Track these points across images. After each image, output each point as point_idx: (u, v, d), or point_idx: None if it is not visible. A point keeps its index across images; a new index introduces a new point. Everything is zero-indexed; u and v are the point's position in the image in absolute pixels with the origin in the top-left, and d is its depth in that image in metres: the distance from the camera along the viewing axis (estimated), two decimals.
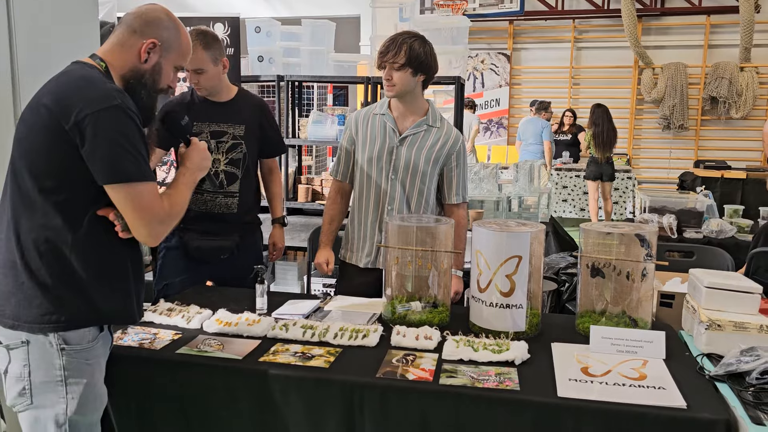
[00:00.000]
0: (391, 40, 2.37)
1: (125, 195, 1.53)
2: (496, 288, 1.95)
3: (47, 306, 1.54)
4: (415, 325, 2.01)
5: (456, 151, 2.49)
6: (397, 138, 2.45)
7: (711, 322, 1.80)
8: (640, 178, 9.21)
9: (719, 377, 1.65)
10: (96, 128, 1.49)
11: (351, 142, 2.56)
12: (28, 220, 1.54)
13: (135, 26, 1.65)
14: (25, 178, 1.54)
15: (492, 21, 9.61)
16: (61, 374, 1.56)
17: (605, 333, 1.86)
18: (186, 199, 1.70)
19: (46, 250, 1.54)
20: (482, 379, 1.65)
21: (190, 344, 1.87)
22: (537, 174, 4.40)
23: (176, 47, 1.70)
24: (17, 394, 1.57)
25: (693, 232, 3.92)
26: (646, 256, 1.93)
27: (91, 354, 1.60)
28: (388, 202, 2.47)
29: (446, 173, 2.50)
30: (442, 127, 2.50)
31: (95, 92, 1.52)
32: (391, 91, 2.39)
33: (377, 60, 2.39)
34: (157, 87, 1.70)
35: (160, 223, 1.59)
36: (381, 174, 2.46)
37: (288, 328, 1.95)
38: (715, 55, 9.11)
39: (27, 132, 1.55)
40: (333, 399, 1.67)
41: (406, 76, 2.35)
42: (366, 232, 2.51)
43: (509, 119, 9.85)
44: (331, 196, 2.64)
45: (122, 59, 1.65)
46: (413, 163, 2.44)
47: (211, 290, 2.59)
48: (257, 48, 4.22)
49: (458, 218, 2.48)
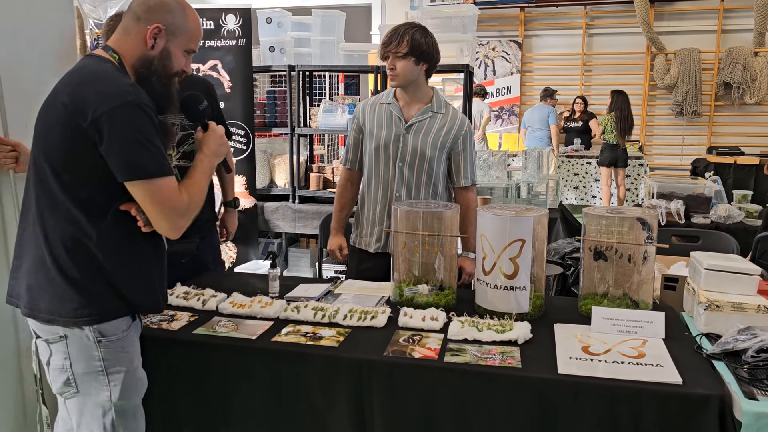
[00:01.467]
0: (393, 30, 2.43)
1: (144, 191, 1.55)
2: (500, 271, 2.00)
3: (79, 300, 1.58)
4: (422, 307, 2.08)
5: (462, 135, 2.55)
6: (403, 126, 2.51)
7: (710, 302, 1.85)
8: (653, 164, 9.18)
9: (716, 355, 1.70)
10: (112, 126, 1.50)
11: (359, 131, 2.62)
12: (52, 217, 1.58)
13: (139, 13, 1.64)
14: (48, 175, 1.57)
15: (503, 8, 9.58)
16: (101, 365, 1.62)
17: (606, 314, 1.91)
18: (204, 188, 1.71)
19: (72, 246, 1.57)
20: (486, 357, 1.71)
21: (205, 325, 1.95)
22: (546, 161, 4.43)
23: (183, 30, 1.68)
24: (62, 383, 1.63)
25: (701, 217, 3.94)
26: (647, 239, 1.98)
27: (127, 342, 1.66)
28: (396, 189, 2.53)
29: (453, 157, 2.57)
30: (448, 113, 2.56)
31: (109, 89, 1.53)
32: (395, 81, 2.45)
33: (380, 51, 2.46)
34: (169, 72, 1.69)
35: (181, 216, 1.61)
36: (389, 161, 2.53)
37: (299, 310, 2.03)
38: (729, 40, 9.02)
39: (45, 130, 1.58)
40: (342, 377, 1.74)
41: (409, 65, 2.41)
42: (375, 218, 2.58)
43: (520, 107, 9.83)
44: (341, 183, 2.71)
45: (130, 48, 1.65)
46: (420, 150, 2.50)
47: (224, 275, 2.66)
48: (268, 38, 4.28)
49: (468, 201, 2.57)
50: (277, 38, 4.26)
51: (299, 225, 4.10)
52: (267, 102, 4.28)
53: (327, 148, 5.91)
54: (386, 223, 2.56)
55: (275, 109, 4.25)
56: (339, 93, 6.99)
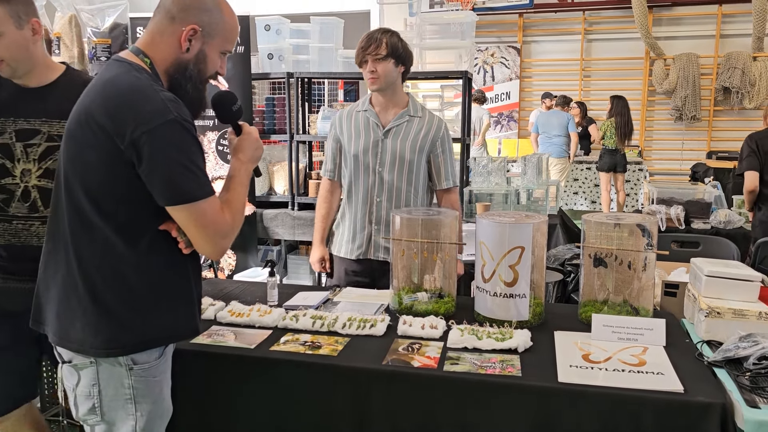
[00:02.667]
0: (368, 36, 2.47)
1: (188, 215, 1.46)
2: (500, 278, 1.99)
3: (112, 332, 1.49)
4: (422, 315, 2.07)
5: (440, 137, 2.58)
6: (381, 131, 2.54)
7: (710, 309, 1.84)
8: (653, 169, 9.18)
9: (717, 363, 1.69)
10: (152, 147, 1.40)
11: (337, 140, 2.64)
12: (89, 245, 1.48)
13: (173, 12, 1.50)
14: (82, 200, 1.47)
15: (501, 14, 9.60)
16: (130, 392, 1.53)
17: (606, 321, 1.90)
18: (244, 201, 1.61)
19: (109, 275, 1.48)
20: (485, 365, 1.70)
21: (203, 334, 1.94)
22: (545, 167, 4.42)
23: (221, 30, 1.55)
24: (87, 410, 1.55)
25: (701, 222, 3.93)
26: (647, 246, 1.97)
27: (158, 370, 1.57)
28: (376, 194, 2.55)
29: (433, 160, 2.59)
30: (424, 117, 2.59)
31: (149, 105, 1.41)
32: (375, 84, 2.47)
33: (358, 56, 2.47)
34: (203, 77, 1.58)
35: (224, 237, 1.52)
36: (368, 168, 2.55)
37: (298, 319, 2.02)
38: (728, 44, 9.04)
39: (79, 150, 1.47)
40: (341, 386, 1.73)
41: (389, 67, 2.45)
42: (356, 224, 2.60)
43: (519, 112, 9.84)
44: (322, 194, 2.72)
45: (163, 51, 1.52)
46: (399, 154, 2.52)
47: (222, 283, 2.66)
48: (267, 45, 4.28)
49: (451, 202, 2.62)
50: (275, 45, 4.26)
51: (298, 232, 4.09)
52: (266, 109, 4.28)
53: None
54: (368, 228, 2.57)
55: (274, 116, 4.25)
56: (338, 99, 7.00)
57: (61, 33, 2.95)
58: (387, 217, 2.52)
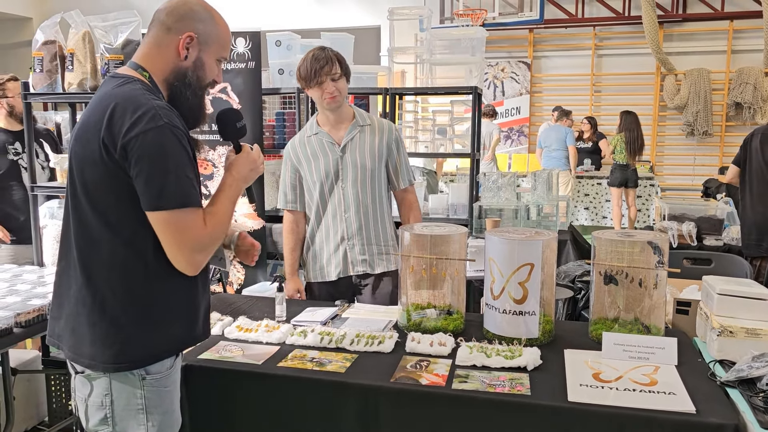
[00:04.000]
0: (315, 58, 2.46)
1: (165, 222, 1.44)
2: (509, 295, 1.98)
3: (121, 346, 1.49)
4: (430, 331, 2.05)
5: (394, 139, 2.63)
6: (338, 149, 2.56)
7: (723, 328, 1.81)
8: (664, 185, 9.14)
9: (730, 383, 1.66)
10: (140, 151, 1.41)
11: (295, 171, 2.65)
12: (97, 259, 1.49)
13: (168, 23, 1.55)
14: (89, 216, 1.49)
15: (511, 29, 9.63)
16: (142, 403, 1.53)
17: (617, 339, 1.88)
18: (229, 218, 1.59)
19: (118, 288, 1.48)
20: (494, 384, 1.69)
21: (211, 350, 1.93)
22: (555, 182, 4.41)
23: (215, 38, 1.59)
24: (99, 421, 1.54)
25: (713, 239, 3.90)
26: (658, 263, 1.95)
27: (170, 380, 1.58)
28: (344, 210, 2.57)
29: (390, 163, 2.64)
30: (373, 123, 2.63)
31: (140, 111, 1.43)
32: (335, 103, 2.51)
33: (311, 79, 2.45)
34: (203, 84, 1.60)
35: (200, 252, 1.50)
36: (332, 187, 2.57)
37: (306, 335, 2.01)
38: (739, 60, 9.02)
39: (81, 167, 1.49)
40: (349, 403, 1.71)
41: (344, 85, 2.51)
42: (331, 246, 2.61)
43: (530, 127, 9.84)
44: (287, 227, 2.72)
45: (162, 61, 1.56)
46: (360, 165, 2.55)
47: (231, 298, 2.66)
48: (278, 61, 4.31)
49: (410, 202, 2.70)
50: (286, 61, 4.29)
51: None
52: (276, 124, 4.30)
53: None
54: (342, 246, 2.59)
55: (284, 131, 4.27)
56: None
57: (74, 49, 2.99)
58: (358, 229, 2.57)
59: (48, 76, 3.09)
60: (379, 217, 2.61)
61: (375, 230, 2.60)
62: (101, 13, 3.15)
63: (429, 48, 4.22)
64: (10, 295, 2.46)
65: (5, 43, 10.59)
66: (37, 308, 2.27)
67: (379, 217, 2.61)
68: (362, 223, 2.57)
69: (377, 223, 2.60)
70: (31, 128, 3.25)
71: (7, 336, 2.13)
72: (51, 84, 3.09)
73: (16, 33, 10.50)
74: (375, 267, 2.61)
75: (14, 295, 2.47)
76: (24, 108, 3.20)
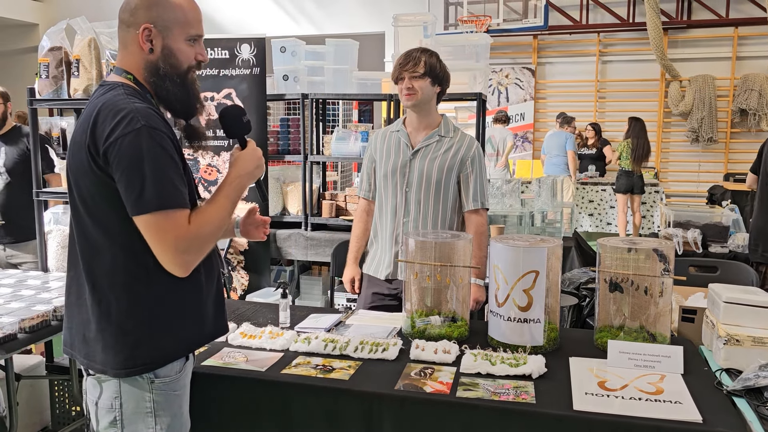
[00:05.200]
0: (407, 54, 2.48)
1: (147, 225, 1.42)
2: (514, 302, 1.97)
3: (130, 351, 1.49)
4: (434, 339, 2.05)
5: (471, 156, 2.54)
6: (410, 152, 2.54)
7: (729, 336, 1.80)
8: (669, 191, 9.12)
9: (737, 392, 1.65)
10: (118, 155, 1.40)
11: (372, 161, 2.66)
12: (99, 266, 1.49)
13: (125, 19, 1.51)
14: (88, 225, 1.49)
15: (516, 36, 9.64)
16: (150, 406, 1.53)
17: (623, 347, 1.87)
18: (224, 216, 1.52)
19: (121, 293, 1.49)
20: (499, 392, 1.68)
21: (215, 356, 1.93)
22: (560, 188, 4.40)
23: (175, 20, 1.51)
24: (108, 423, 1.55)
25: (718, 246, 3.88)
26: (664, 271, 1.94)
27: (179, 384, 1.58)
28: (403, 215, 2.54)
29: (462, 179, 2.56)
30: (456, 136, 2.58)
31: (119, 116, 1.42)
32: (411, 99, 2.46)
33: (395, 73, 2.48)
34: (180, 71, 1.54)
35: (186, 251, 1.45)
36: (396, 188, 2.55)
37: (310, 342, 2.00)
38: (744, 66, 9.01)
39: (75, 176, 1.50)
40: (352, 411, 1.71)
41: (426, 85, 2.45)
42: (386, 244, 2.60)
43: (534, 133, 9.84)
44: (358, 214, 2.75)
45: (133, 60, 1.53)
46: (426, 174, 2.51)
47: (235, 304, 2.65)
48: (282, 67, 4.32)
49: (477, 225, 2.55)
50: (291, 67, 4.30)
51: (311, 253, 4.09)
52: (280, 129, 4.31)
53: (340, 175, 5.92)
54: (395, 248, 2.56)
55: (288, 137, 4.28)
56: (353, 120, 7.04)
57: (80, 55, 3.00)
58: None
59: (54, 82, 3.10)
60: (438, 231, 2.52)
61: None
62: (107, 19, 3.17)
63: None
64: (15, 301, 2.47)
65: (11, 49, 10.65)
66: (41, 314, 2.27)
67: (438, 230, 2.52)
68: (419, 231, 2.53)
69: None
70: (36, 133, 3.26)
71: (11, 342, 2.13)
72: (57, 90, 3.11)
73: (23, 39, 10.56)
74: None
75: (18, 301, 2.47)
76: (29, 114, 3.21)
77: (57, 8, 10.55)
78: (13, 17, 10.13)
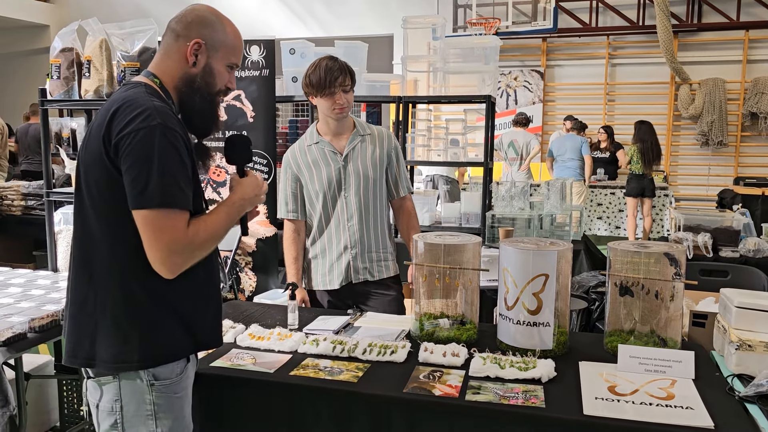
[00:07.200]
0: (328, 69, 2.45)
1: (143, 221, 1.43)
2: (523, 306, 1.96)
3: (120, 346, 1.49)
4: (443, 341, 2.04)
5: (393, 148, 2.64)
6: (340, 158, 2.56)
7: (741, 342, 1.79)
8: (678, 195, 9.07)
9: (749, 398, 1.64)
10: (128, 148, 1.42)
11: (295, 180, 2.63)
12: (98, 260, 1.51)
13: (178, 30, 1.58)
14: (91, 217, 1.51)
15: (525, 38, 9.62)
16: (151, 409, 1.53)
17: (633, 352, 1.86)
18: (221, 229, 1.55)
19: (118, 292, 1.50)
20: (508, 396, 1.67)
21: (223, 358, 1.93)
22: (569, 191, 4.38)
23: (223, 44, 1.60)
24: (109, 426, 1.55)
25: (729, 251, 3.85)
26: (675, 275, 1.93)
27: (180, 387, 1.58)
28: (347, 219, 2.57)
29: (390, 172, 2.65)
30: (373, 132, 2.63)
31: (136, 111, 1.45)
32: (343, 113, 2.52)
33: (324, 88, 2.45)
34: (212, 90, 1.61)
35: (178, 254, 1.46)
36: (335, 196, 2.57)
37: (318, 343, 2.00)
38: (755, 69, 8.95)
39: (87, 167, 1.51)
40: (361, 413, 1.70)
41: (352, 96, 2.53)
42: (334, 255, 2.60)
43: (542, 136, 9.81)
44: (289, 236, 2.67)
45: (172, 68, 1.58)
46: (363, 175, 2.56)
47: (243, 305, 2.65)
48: (291, 69, 4.33)
49: (408, 209, 2.71)
50: (300, 69, 4.30)
51: None
52: (289, 131, 4.32)
53: None
54: (345, 255, 2.57)
55: (297, 139, 4.27)
56: None
57: (91, 56, 3.02)
58: (361, 238, 2.57)
59: (65, 83, 3.12)
60: (379, 226, 2.62)
61: (375, 238, 2.60)
62: (118, 21, 3.19)
63: (442, 56, 4.22)
64: (25, 300, 2.48)
65: (23, 50, 10.73)
66: (51, 313, 2.28)
67: (380, 225, 2.62)
68: (364, 231, 2.57)
69: (377, 231, 2.61)
70: (48, 134, 3.28)
71: (21, 341, 2.14)
72: (68, 91, 3.13)
73: (34, 40, 10.64)
74: (375, 274, 2.60)
75: (28, 300, 2.48)
76: (41, 114, 3.23)
77: (68, 10, 10.62)
78: (24, 18, 10.20)
